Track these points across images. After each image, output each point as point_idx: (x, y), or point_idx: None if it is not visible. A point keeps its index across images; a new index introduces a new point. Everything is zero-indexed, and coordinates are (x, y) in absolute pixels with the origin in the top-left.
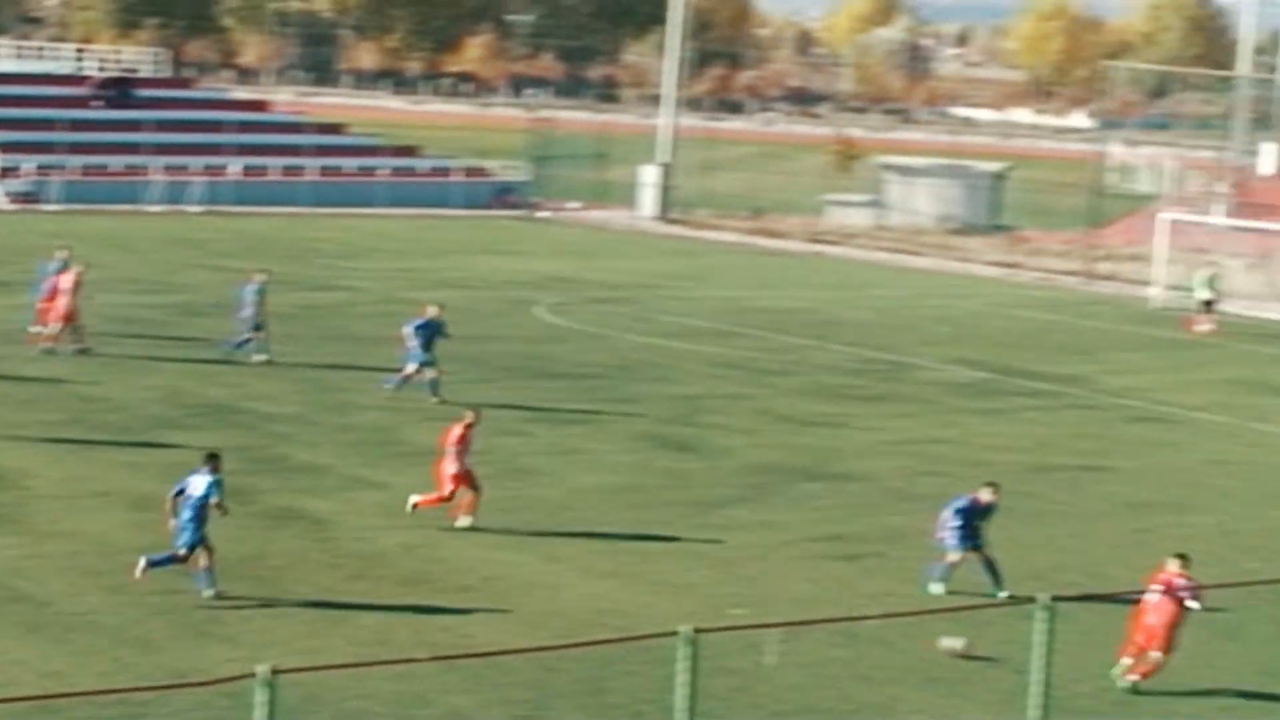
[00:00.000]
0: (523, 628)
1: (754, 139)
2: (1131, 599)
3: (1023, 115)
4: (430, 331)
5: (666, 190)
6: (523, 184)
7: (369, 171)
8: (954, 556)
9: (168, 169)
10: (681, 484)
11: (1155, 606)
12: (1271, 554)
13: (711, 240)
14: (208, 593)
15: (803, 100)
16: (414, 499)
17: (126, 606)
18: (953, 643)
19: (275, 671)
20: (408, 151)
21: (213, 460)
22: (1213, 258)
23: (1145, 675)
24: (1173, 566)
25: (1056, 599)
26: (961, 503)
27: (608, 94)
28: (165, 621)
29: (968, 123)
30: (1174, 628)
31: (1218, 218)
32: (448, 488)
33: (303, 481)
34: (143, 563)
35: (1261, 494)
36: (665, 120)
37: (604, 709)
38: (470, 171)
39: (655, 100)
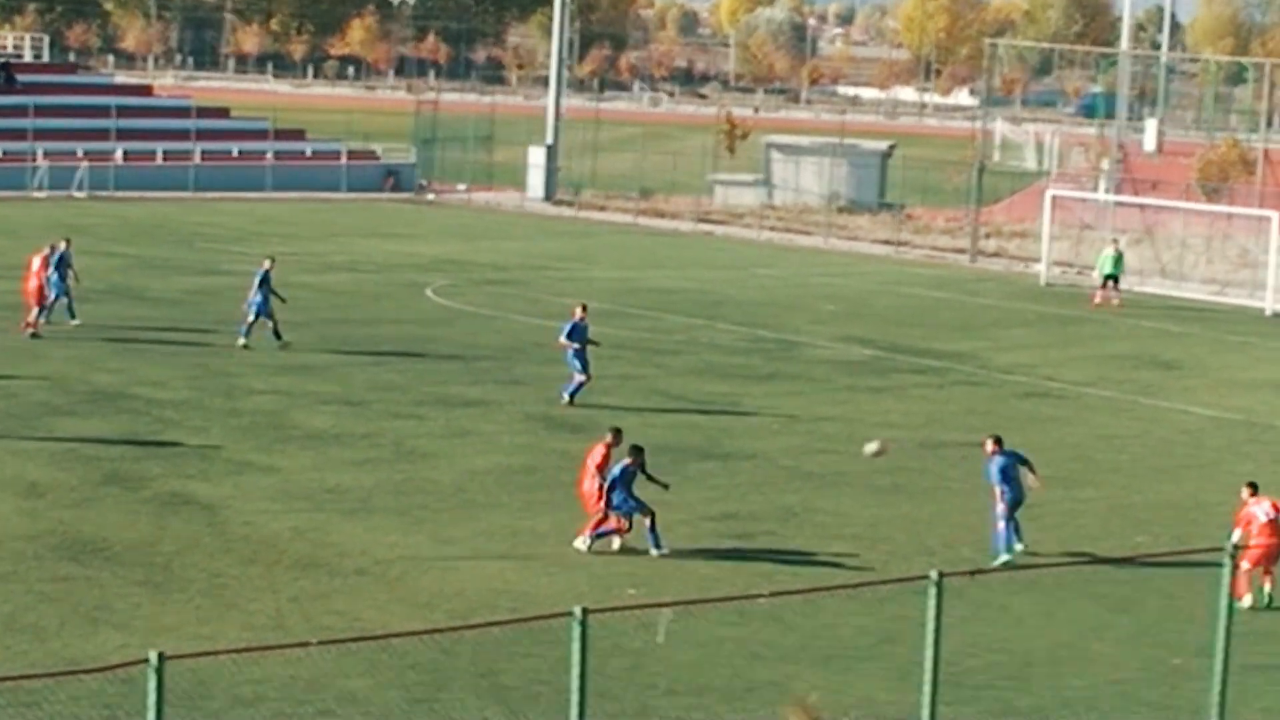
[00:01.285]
0: (416, 610)
1: (640, 119)
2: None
3: (908, 94)
4: None
5: (554, 172)
6: (409, 167)
7: (255, 155)
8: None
9: (52, 155)
10: (574, 465)
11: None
12: (1161, 528)
13: (599, 221)
14: None
15: (688, 81)
16: (582, 543)
17: (17, 594)
18: (872, 446)
19: (167, 658)
20: (293, 135)
21: None
22: (1115, 235)
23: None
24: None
25: (946, 575)
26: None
27: (494, 76)
28: (56, 609)
29: (853, 102)
30: None
31: (1102, 194)
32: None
33: (193, 467)
34: None
35: (1150, 468)
36: (551, 101)
37: (499, 690)
38: (356, 155)
39: (541, 82)
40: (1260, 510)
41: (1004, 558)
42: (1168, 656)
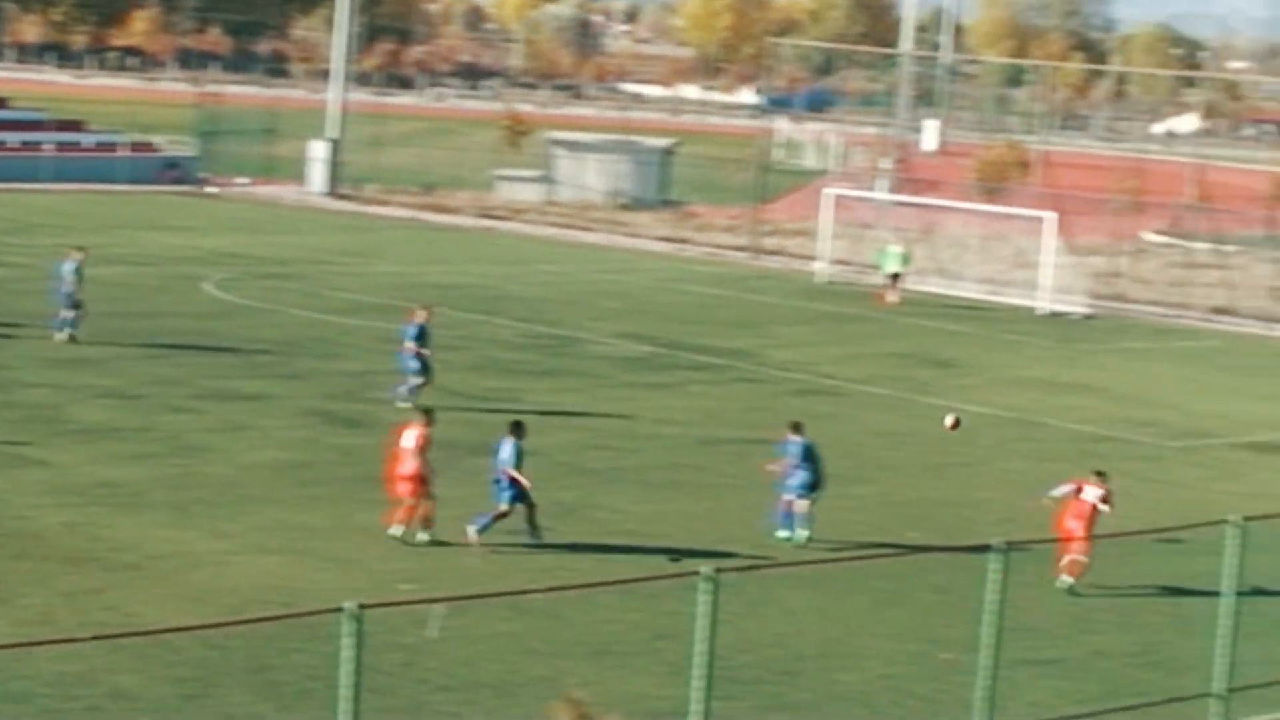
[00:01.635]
0: (189, 605)
1: (424, 114)
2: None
3: (691, 91)
4: None
5: (336, 166)
6: (190, 159)
7: (33, 146)
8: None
9: None
10: (351, 460)
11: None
12: (933, 524)
13: (382, 216)
14: None
15: (473, 76)
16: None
17: None
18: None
19: None
20: (73, 126)
21: None
22: (901, 233)
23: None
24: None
25: (720, 571)
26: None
27: (277, 69)
28: None
29: (637, 99)
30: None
31: (881, 193)
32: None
33: None
34: None
35: (923, 465)
36: (335, 95)
37: (271, 686)
38: (137, 146)
39: (325, 75)
40: (1091, 493)
41: (782, 534)
42: (938, 651)
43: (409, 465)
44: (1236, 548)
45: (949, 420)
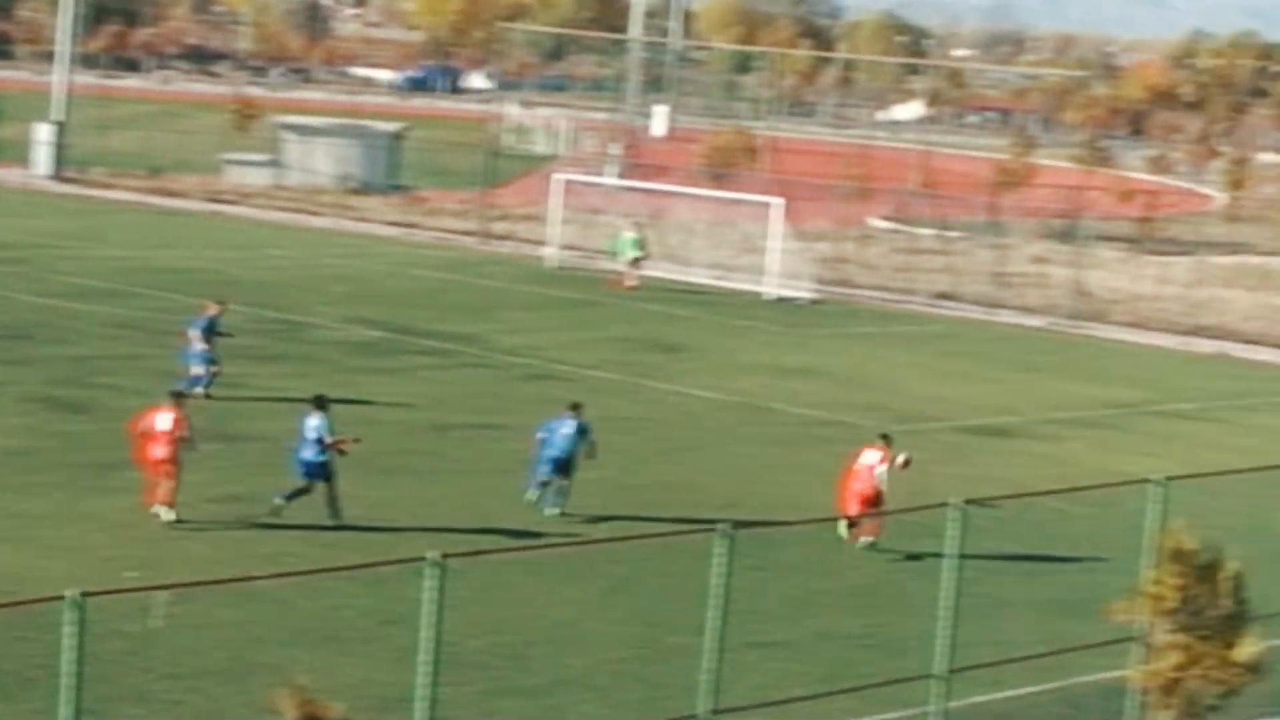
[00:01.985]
0: None
1: (151, 97)
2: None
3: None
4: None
5: (61, 148)
6: None
7: None
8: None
9: None
10: (76, 446)
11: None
12: (663, 509)
13: (108, 199)
14: None
15: (201, 59)
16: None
17: None
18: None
19: None
20: None
21: None
22: (634, 218)
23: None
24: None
25: (448, 555)
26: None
27: (1, 50)
28: None
29: (367, 83)
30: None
31: (611, 178)
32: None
33: None
34: None
35: (653, 450)
36: (60, 77)
37: None
38: None
39: (50, 57)
40: (872, 456)
41: (529, 495)
42: (665, 635)
43: (163, 448)
44: (957, 530)
45: (901, 459)
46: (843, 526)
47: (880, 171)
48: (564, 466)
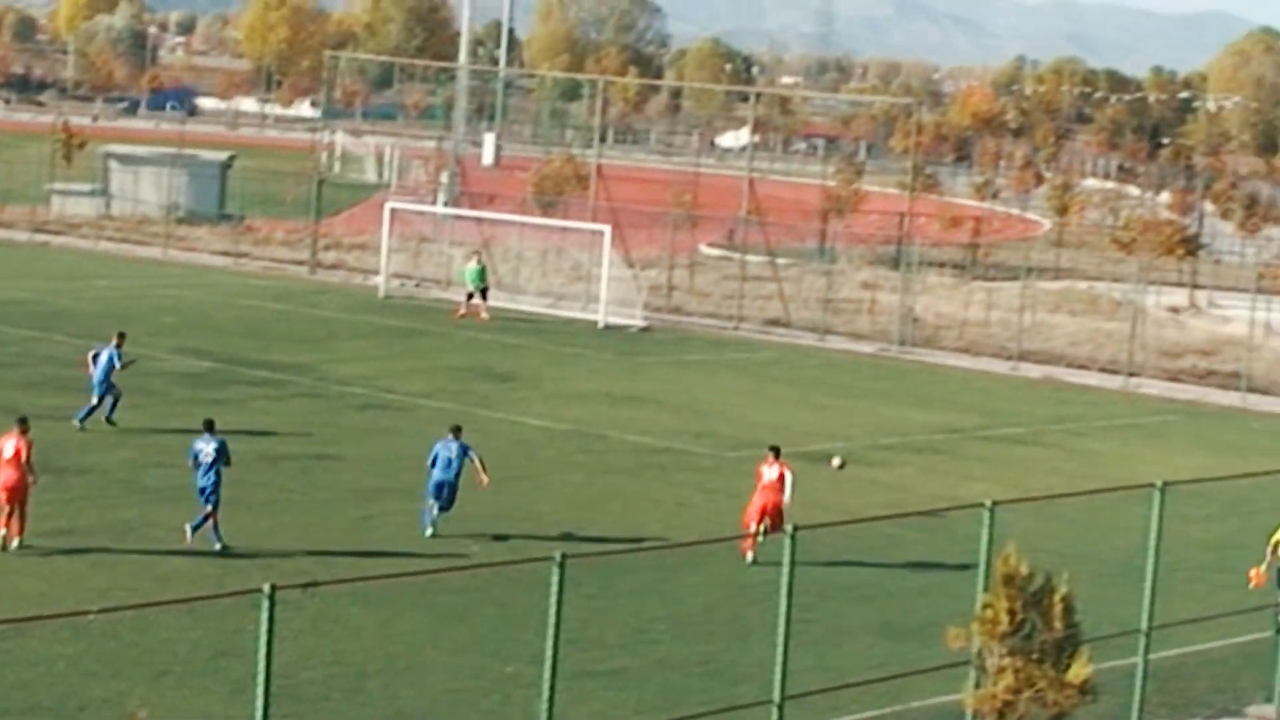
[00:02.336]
0: None
1: None
2: (359, 583)
3: (249, 104)
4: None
5: None
6: None
7: None
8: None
9: None
10: None
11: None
12: (495, 538)
13: None
14: None
15: (25, 88)
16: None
17: None
18: (836, 460)
19: None
20: None
21: None
22: (474, 248)
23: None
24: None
25: (279, 587)
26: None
27: None
28: None
29: (194, 112)
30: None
31: (440, 207)
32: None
33: None
34: None
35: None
36: None
37: None
38: None
39: None
40: (770, 471)
41: (428, 531)
42: (501, 665)
43: (9, 475)
44: (791, 557)
45: (836, 461)
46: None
47: (709, 199)
48: (447, 490)
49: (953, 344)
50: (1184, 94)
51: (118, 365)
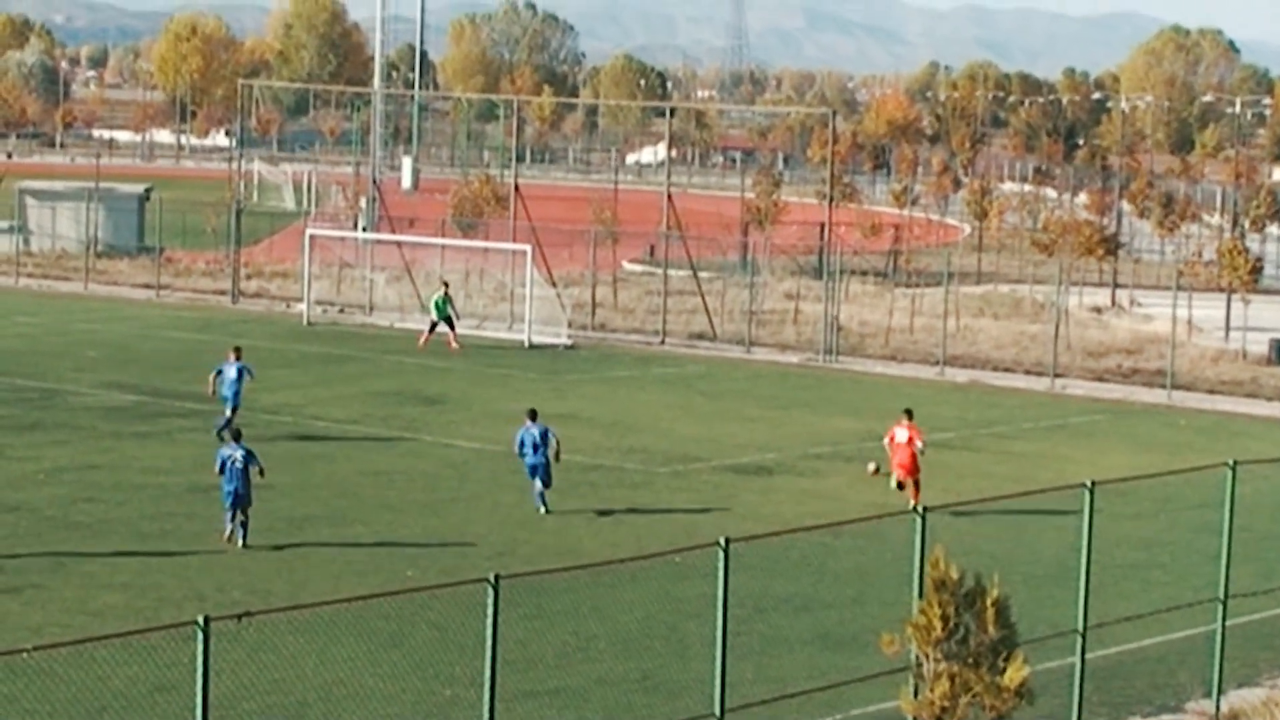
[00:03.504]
0: None
1: None
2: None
3: (165, 136)
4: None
5: None
6: None
7: None
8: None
9: None
10: None
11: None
12: (429, 561)
13: None
14: None
15: None
16: None
17: None
18: (871, 466)
19: None
20: None
21: None
22: (444, 277)
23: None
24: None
25: (212, 619)
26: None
27: None
28: None
29: (110, 145)
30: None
31: (360, 232)
32: None
33: None
34: None
35: (417, 503)
36: None
37: None
38: None
39: None
40: (901, 433)
41: (542, 510)
42: (440, 689)
43: None
44: (725, 570)
45: (871, 467)
46: (893, 482)
47: (629, 215)
48: (543, 470)
49: (878, 352)
50: (1097, 95)
51: (249, 377)
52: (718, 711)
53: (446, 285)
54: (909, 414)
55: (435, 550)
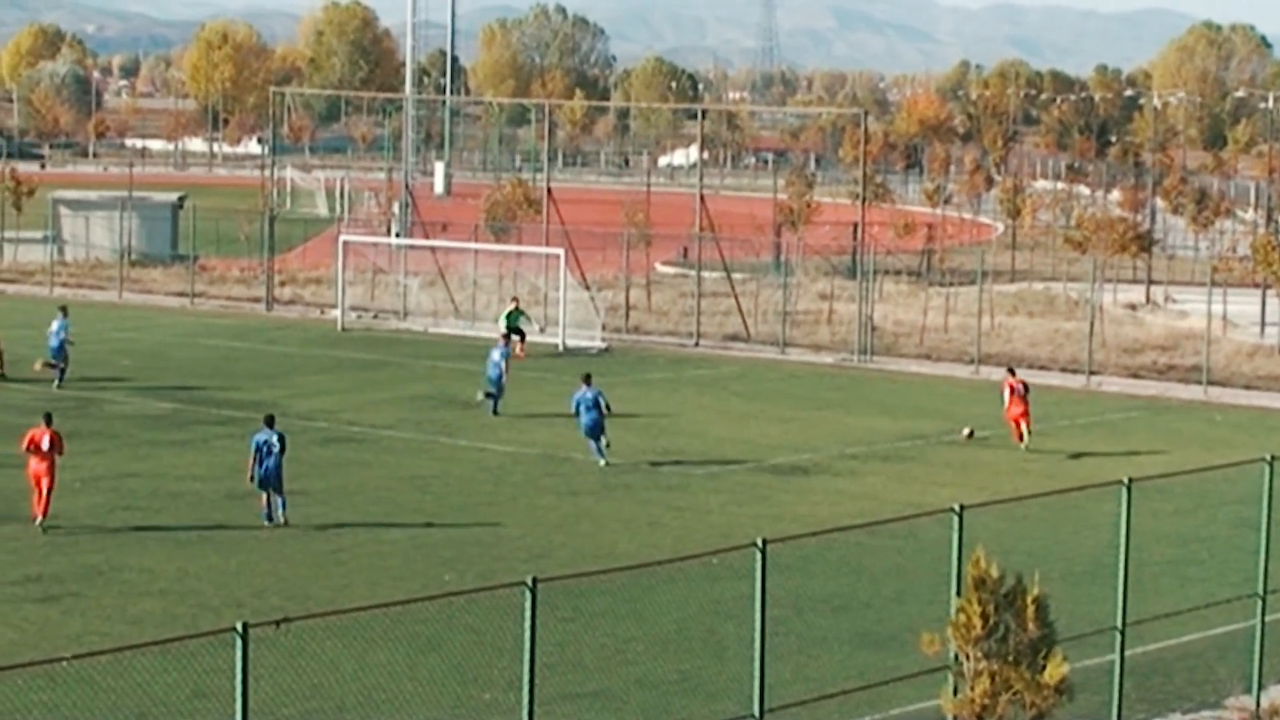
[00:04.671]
0: None
1: None
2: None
3: (197, 144)
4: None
5: None
6: None
7: None
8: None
9: None
10: None
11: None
12: (466, 565)
13: None
14: None
15: None
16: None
17: None
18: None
19: None
20: None
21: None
22: (514, 294)
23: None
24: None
25: (251, 625)
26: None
27: None
28: None
29: (142, 154)
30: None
31: (393, 237)
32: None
33: None
34: None
35: (453, 506)
36: None
37: None
38: None
39: None
40: (1017, 384)
41: (601, 462)
42: (479, 693)
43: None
44: (763, 570)
45: (965, 432)
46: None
47: (662, 217)
48: (598, 427)
49: (913, 351)
50: (1129, 92)
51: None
52: (756, 712)
53: (517, 300)
54: (1012, 371)
55: (472, 554)
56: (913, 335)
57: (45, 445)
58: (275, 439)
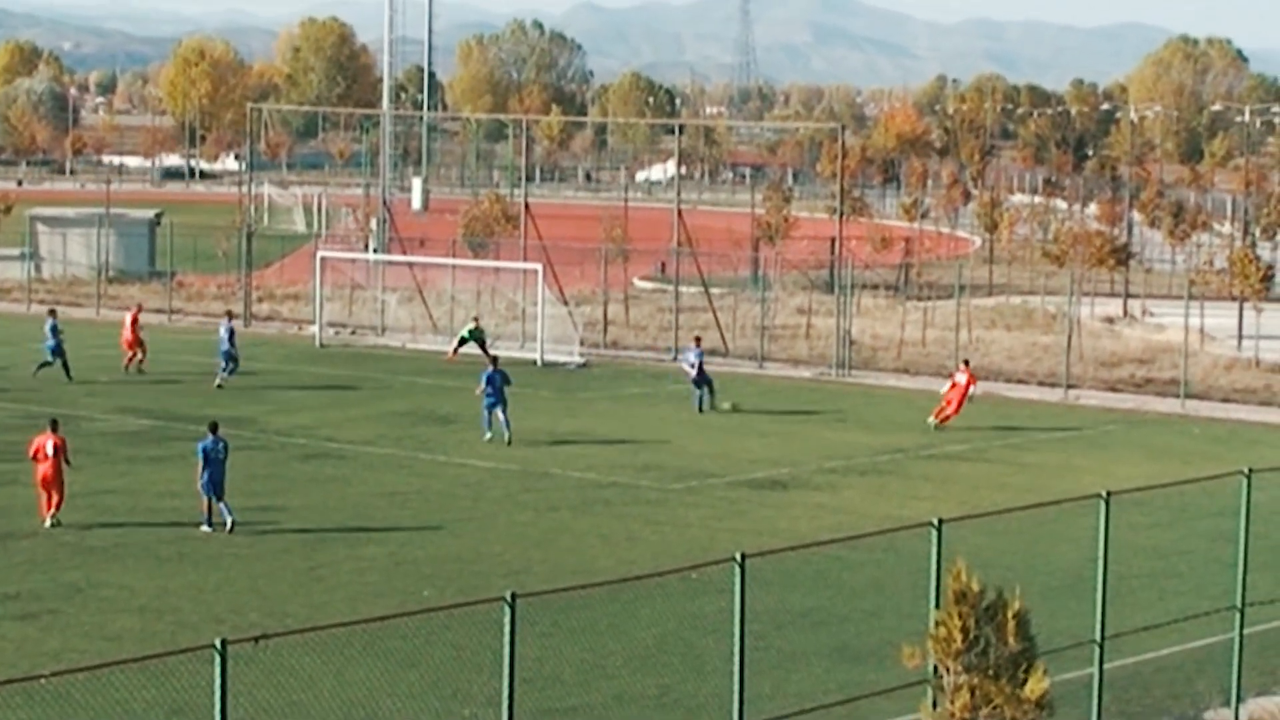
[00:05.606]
0: None
1: None
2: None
3: (174, 160)
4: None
5: None
6: None
7: None
8: None
9: None
10: None
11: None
12: (445, 581)
13: None
14: None
15: None
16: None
17: None
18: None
19: None
20: None
21: None
22: (475, 312)
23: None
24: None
25: (229, 642)
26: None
27: None
28: None
29: (120, 171)
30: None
31: (370, 254)
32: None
33: None
34: None
35: (431, 522)
36: None
37: None
38: None
39: None
40: (961, 376)
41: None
42: (458, 708)
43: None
44: (742, 585)
45: (727, 405)
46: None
47: (640, 232)
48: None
49: (891, 365)
50: (1105, 105)
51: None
52: None
53: (477, 319)
54: (967, 364)
55: (451, 570)
56: (890, 349)
57: (50, 450)
58: (220, 446)
